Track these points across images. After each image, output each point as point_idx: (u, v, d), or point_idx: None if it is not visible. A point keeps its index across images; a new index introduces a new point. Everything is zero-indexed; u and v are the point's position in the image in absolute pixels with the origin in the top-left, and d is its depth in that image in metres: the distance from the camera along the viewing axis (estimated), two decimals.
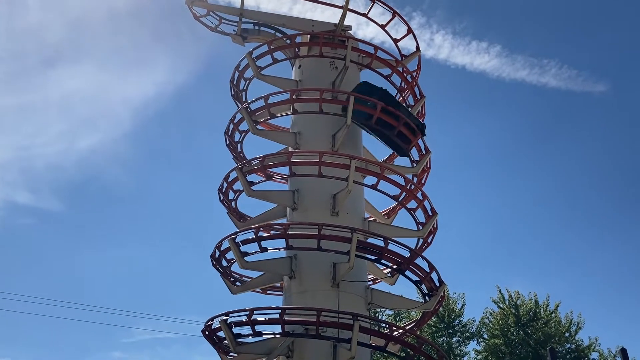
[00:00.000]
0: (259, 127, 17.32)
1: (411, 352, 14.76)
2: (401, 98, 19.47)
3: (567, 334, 33.71)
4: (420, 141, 17.49)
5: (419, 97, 18.86)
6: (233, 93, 18.94)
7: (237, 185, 16.50)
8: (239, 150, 18.33)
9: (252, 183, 16.09)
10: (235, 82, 18.79)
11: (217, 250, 15.14)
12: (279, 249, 15.53)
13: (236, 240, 14.52)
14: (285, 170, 16.66)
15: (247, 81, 18.97)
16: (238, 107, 17.58)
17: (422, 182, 18.46)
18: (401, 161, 18.85)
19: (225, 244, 14.77)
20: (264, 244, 14.92)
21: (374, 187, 16.04)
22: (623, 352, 16.02)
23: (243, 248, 14.67)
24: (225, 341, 13.94)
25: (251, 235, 14.74)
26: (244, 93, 19.16)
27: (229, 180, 16.41)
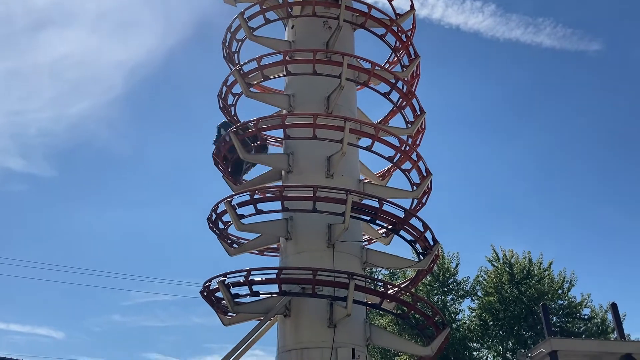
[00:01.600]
0: (252, 89, 17.21)
1: (406, 310, 15.10)
2: (396, 58, 19.35)
3: (559, 291, 34.36)
4: (414, 101, 17.47)
5: (413, 57, 18.72)
6: (225, 55, 18.74)
7: (232, 149, 16.48)
8: (233, 113, 18.26)
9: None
10: (227, 44, 18.57)
11: (213, 213, 15.26)
12: (274, 211, 15.66)
13: (232, 203, 14.64)
14: (279, 133, 16.66)
15: (240, 43, 18.74)
16: (231, 70, 17.43)
17: (417, 143, 18.50)
18: (396, 122, 18.87)
19: (222, 207, 14.89)
20: (259, 206, 15.05)
21: (368, 148, 16.08)
22: (613, 306, 16.39)
23: (239, 210, 14.80)
24: (224, 301, 14.21)
25: (247, 198, 14.84)
26: (236, 55, 18.97)
27: (224, 143, 16.40)
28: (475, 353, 35.22)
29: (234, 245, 16.42)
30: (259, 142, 16.73)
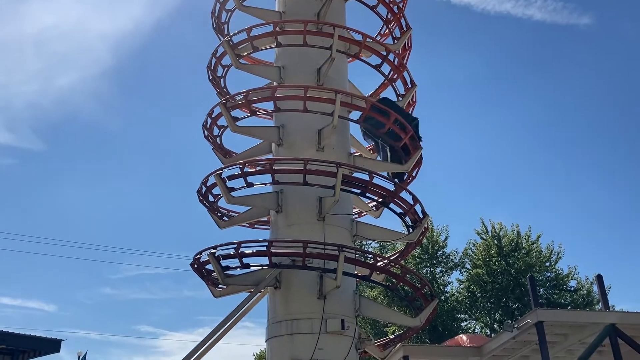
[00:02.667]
0: (242, 61, 17.01)
1: (395, 281, 15.27)
2: (387, 30, 19.16)
3: (547, 264, 34.86)
4: (405, 74, 17.38)
5: (405, 30, 18.54)
6: (215, 26, 18.45)
7: (222, 121, 16.38)
8: (223, 85, 18.07)
9: (236, 119, 15.98)
10: (216, 14, 18.28)
11: (203, 186, 15.22)
12: (265, 184, 15.66)
13: (222, 176, 14.59)
14: (269, 106, 16.54)
15: (229, 13, 18.45)
16: (220, 41, 17.18)
17: None
18: (387, 95, 18.77)
19: (212, 180, 14.84)
20: (250, 179, 15.02)
21: (359, 121, 16.02)
22: (599, 278, 16.59)
23: (229, 183, 14.76)
24: (214, 274, 14.27)
25: (237, 171, 14.80)
26: (225, 26, 18.69)
27: (213, 116, 16.27)
28: (463, 324, 35.84)
29: (224, 218, 16.43)
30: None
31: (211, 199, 15.78)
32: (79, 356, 38.82)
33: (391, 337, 17.51)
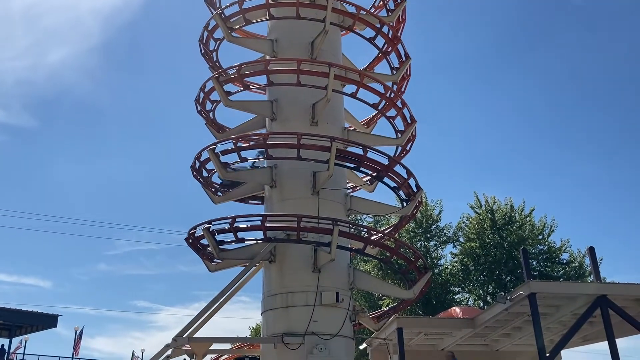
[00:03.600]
0: (234, 34, 16.79)
1: (389, 254, 15.36)
2: (381, 2, 18.91)
3: (540, 237, 35.12)
4: (400, 47, 17.22)
5: (399, 1, 18.30)
6: None
7: (215, 96, 16.26)
8: (215, 59, 17.86)
9: (229, 93, 15.85)
10: None
11: (197, 161, 15.16)
12: (258, 158, 15.60)
13: (215, 151, 14.52)
14: (262, 80, 16.38)
15: None
16: (212, 13, 16.92)
17: (402, 90, 18.35)
18: (381, 70, 18.65)
19: (205, 155, 14.78)
20: (243, 154, 14.96)
21: (353, 95, 15.93)
22: (591, 250, 16.72)
23: (223, 158, 14.70)
24: (209, 248, 14.32)
25: (230, 146, 14.73)
26: None
27: (206, 90, 16.14)
28: (456, 297, 36.24)
29: (219, 193, 16.42)
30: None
31: (205, 174, 15.74)
32: (76, 331, 39.19)
33: (385, 309, 17.69)
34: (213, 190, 16.23)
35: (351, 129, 17.15)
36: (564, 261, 34.89)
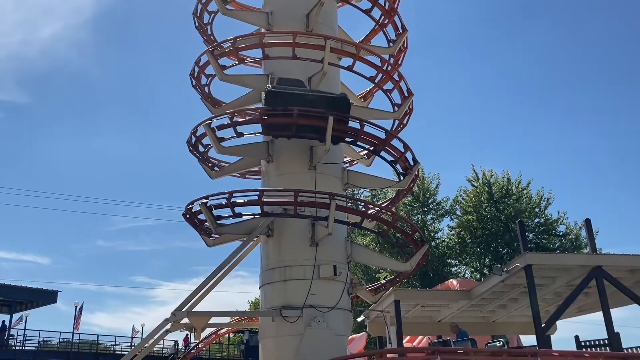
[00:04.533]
0: (228, 7, 16.53)
1: (385, 228, 15.42)
2: None
3: (537, 209, 35.30)
4: (396, 19, 17.01)
5: None
6: None
7: (210, 70, 16.09)
8: (209, 33, 17.63)
9: (224, 67, 15.68)
10: None
11: (192, 136, 15.07)
12: (255, 133, 15.51)
13: (211, 126, 14.42)
14: (258, 53, 16.19)
15: None
16: None
17: (399, 62, 18.20)
18: (377, 43, 18.44)
19: (201, 130, 14.69)
20: (239, 129, 14.86)
21: (349, 68, 15.77)
22: (587, 222, 16.79)
23: (219, 133, 14.61)
24: (207, 223, 14.34)
25: (226, 121, 14.62)
26: None
27: (201, 64, 15.96)
28: (453, 269, 36.58)
29: (215, 168, 16.37)
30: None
31: (201, 149, 15.66)
32: (76, 307, 39.51)
33: (382, 282, 17.84)
34: (210, 165, 16.17)
35: None
36: (560, 233, 35.14)
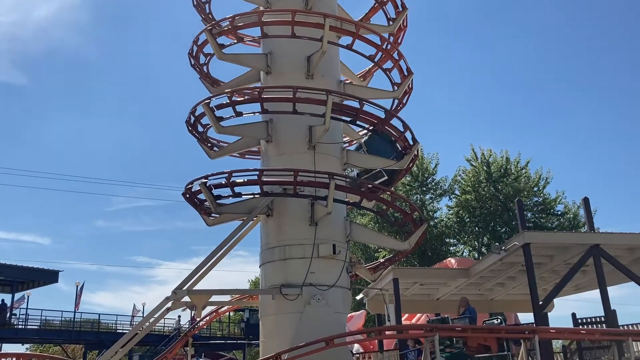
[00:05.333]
0: None
1: (385, 207, 15.48)
2: None
3: (535, 189, 35.41)
4: None
5: None
6: None
7: (208, 49, 15.98)
8: (208, 11, 17.47)
9: (223, 46, 15.57)
10: None
11: (191, 116, 15.04)
12: (254, 113, 15.47)
13: (210, 105, 14.38)
14: (256, 32, 16.07)
15: None
16: None
17: (399, 41, 18.08)
18: (377, 20, 18.29)
19: (200, 110, 14.65)
20: (238, 108, 14.83)
21: (349, 47, 15.67)
22: (585, 201, 16.88)
23: (218, 113, 14.58)
24: (206, 203, 14.39)
25: (225, 100, 14.58)
26: None
27: (199, 43, 15.85)
28: (452, 248, 36.81)
29: (215, 148, 16.36)
30: None
31: (200, 129, 15.64)
32: (77, 286, 39.79)
33: (381, 260, 17.97)
34: (209, 145, 16.16)
35: (347, 82, 16.95)
36: (559, 212, 35.30)
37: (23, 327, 35.63)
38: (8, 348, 36.91)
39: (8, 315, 34.79)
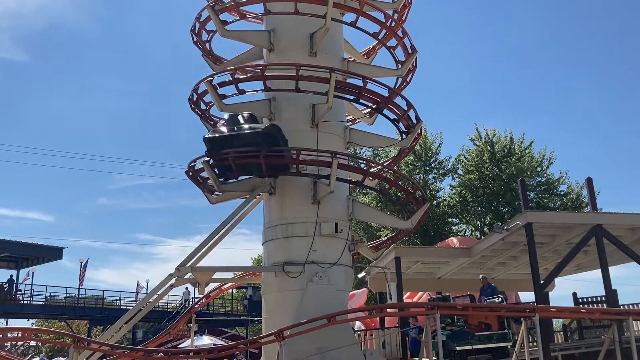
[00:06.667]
0: None
1: (387, 186, 15.47)
2: None
3: (538, 169, 35.31)
4: None
5: None
6: None
7: (210, 26, 15.83)
8: None
9: (225, 23, 15.43)
10: None
11: (194, 94, 14.96)
12: (257, 91, 15.38)
13: (213, 83, 14.29)
14: (259, 9, 15.89)
15: None
16: None
17: (403, 19, 17.85)
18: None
19: (202, 87, 14.57)
20: (241, 86, 14.74)
21: (352, 24, 15.50)
22: (588, 181, 16.81)
23: (221, 91, 14.50)
24: (209, 181, 14.41)
25: (228, 78, 14.48)
26: None
27: (201, 20, 15.70)
28: (454, 228, 36.88)
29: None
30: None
31: (203, 107, 15.58)
32: (81, 263, 40.11)
33: (383, 239, 18.03)
34: (212, 123, 16.11)
35: (351, 59, 16.80)
36: (562, 192, 35.24)
37: (28, 302, 36.04)
38: (14, 323, 37.43)
39: (14, 290, 35.18)
